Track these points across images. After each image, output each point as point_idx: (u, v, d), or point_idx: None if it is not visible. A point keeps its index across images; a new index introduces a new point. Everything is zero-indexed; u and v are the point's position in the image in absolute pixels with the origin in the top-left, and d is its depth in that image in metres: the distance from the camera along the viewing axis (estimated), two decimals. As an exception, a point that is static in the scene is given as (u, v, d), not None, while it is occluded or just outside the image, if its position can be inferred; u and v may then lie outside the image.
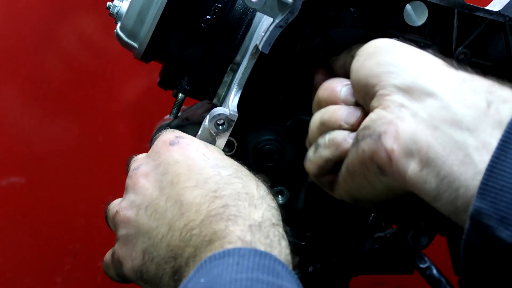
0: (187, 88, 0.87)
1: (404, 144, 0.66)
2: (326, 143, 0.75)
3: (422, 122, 0.66)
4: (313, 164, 0.77)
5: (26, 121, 1.21)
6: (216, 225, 0.68)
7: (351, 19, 0.80)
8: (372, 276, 0.91)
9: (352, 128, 0.74)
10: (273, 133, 0.83)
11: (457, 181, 0.63)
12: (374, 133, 0.69)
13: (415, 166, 0.65)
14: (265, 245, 0.66)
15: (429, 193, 0.65)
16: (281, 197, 0.85)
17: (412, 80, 0.68)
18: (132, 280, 0.75)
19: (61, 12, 1.19)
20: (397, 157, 0.67)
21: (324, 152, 0.75)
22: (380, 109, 0.69)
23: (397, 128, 0.67)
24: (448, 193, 0.64)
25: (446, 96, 0.65)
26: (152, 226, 0.72)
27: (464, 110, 0.64)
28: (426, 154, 0.65)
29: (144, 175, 0.75)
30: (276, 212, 0.71)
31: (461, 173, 0.63)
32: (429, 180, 0.65)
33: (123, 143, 1.23)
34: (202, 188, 0.71)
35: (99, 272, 1.20)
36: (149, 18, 0.83)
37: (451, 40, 0.80)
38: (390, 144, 0.67)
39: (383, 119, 0.68)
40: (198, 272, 0.64)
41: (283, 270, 0.63)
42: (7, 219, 1.22)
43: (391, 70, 0.69)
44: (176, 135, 0.76)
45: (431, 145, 0.64)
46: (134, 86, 1.23)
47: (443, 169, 0.64)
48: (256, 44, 0.78)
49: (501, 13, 0.78)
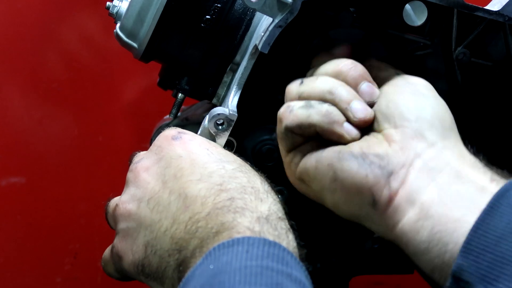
0: (186, 88, 0.87)
1: (410, 191, 0.68)
2: (322, 111, 0.73)
3: (430, 175, 0.68)
4: (296, 118, 0.74)
5: (26, 121, 1.21)
6: (223, 217, 0.67)
7: (351, 19, 0.80)
8: (372, 276, 0.91)
9: (353, 122, 0.73)
10: (272, 133, 0.83)
11: (446, 237, 0.65)
12: (386, 167, 0.70)
13: (413, 215, 0.67)
14: (274, 236, 0.66)
15: (419, 245, 0.67)
16: (281, 197, 0.84)
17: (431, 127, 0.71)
18: (132, 275, 0.75)
19: (61, 12, 1.19)
20: (398, 200, 0.68)
21: (315, 117, 0.73)
22: (398, 147, 0.70)
23: (408, 174, 0.69)
24: (438, 247, 0.66)
25: (455, 163, 0.69)
26: (154, 219, 0.71)
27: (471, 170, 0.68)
28: (428, 208, 0.67)
29: (146, 168, 0.75)
30: (281, 206, 0.71)
31: (454, 231, 0.65)
32: (421, 232, 0.67)
33: (123, 143, 1.23)
34: (206, 182, 0.70)
35: (99, 272, 1.20)
36: (149, 18, 0.83)
37: (451, 40, 0.80)
38: (396, 187, 0.69)
39: (399, 159, 0.70)
40: (207, 259, 0.63)
41: (292, 260, 0.63)
42: (7, 219, 1.22)
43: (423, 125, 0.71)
44: (179, 131, 0.76)
45: (435, 202, 0.67)
46: (134, 86, 1.23)
47: (439, 224, 0.66)
48: (256, 44, 0.78)
49: (500, 13, 0.78)
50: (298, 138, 0.75)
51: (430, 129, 0.71)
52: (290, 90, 0.77)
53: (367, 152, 0.71)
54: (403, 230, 0.68)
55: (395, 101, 0.73)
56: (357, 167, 0.71)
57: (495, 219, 0.63)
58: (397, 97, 0.73)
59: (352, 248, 0.86)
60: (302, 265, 0.64)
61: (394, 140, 0.71)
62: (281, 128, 0.76)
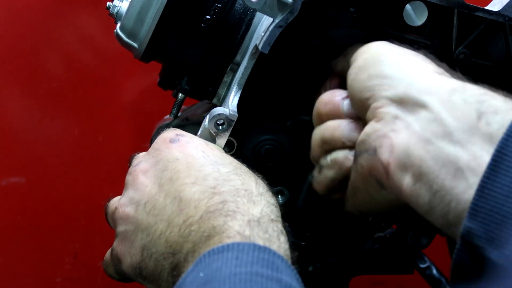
0: (187, 88, 0.87)
1: (398, 157, 0.66)
2: (329, 164, 0.76)
3: (415, 135, 0.65)
4: (320, 185, 0.78)
5: (26, 121, 1.21)
6: (214, 220, 0.68)
7: (351, 19, 0.80)
8: (372, 276, 0.91)
9: (354, 145, 0.73)
10: (272, 133, 0.83)
11: (448, 195, 0.63)
12: (370, 147, 0.69)
13: (409, 180, 0.66)
14: (264, 239, 0.66)
15: (423, 206, 0.65)
16: (281, 197, 0.85)
17: (403, 91, 0.68)
18: (131, 277, 0.75)
19: (61, 12, 1.19)
20: (393, 170, 0.67)
21: (329, 173, 0.76)
22: (374, 122, 0.69)
23: (392, 141, 0.67)
24: (440, 207, 0.64)
25: (437, 108, 0.65)
26: (150, 222, 0.72)
27: (455, 123, 0.64)
28: (419, 168, 0.65)
29: (144, 171, 0.75)
30: (275, 208, 0.71)
31: (452, 187, 0.63)
32: (422, 194, 0.65)
33: (123, 143, 1.23)
34: (201, 185, 0.71)
35: (99, 272, 1.20)
36: (149, 18, 0.83)
37: (451, 40, 0.80)
38: (386, 158, 0.67)
39: (378, 133, 0.68)
40: (197, 266, 0.64)
41: (282, 264, 0.63)
42: (7, 219, 1.22)
43: (382, 82, 0.69)
44: (177, 133, 0.76)
45: (424, 159, 0.64)
46: (134, 86, 1.23)
47: (436, 183, 0.64)
48: (256, 44, 0.78)
49: (501, 13, 0.78)
50: (336, 186, 0.77)
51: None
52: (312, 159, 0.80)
53: (355, 147, 0.72)
54: (407, 196, 0.66)
55: (353, 89, 0.73)
56: (354, 166, 0.72)
57: (500, 177, 0.60)
58: (354, 85, 0.73)
59: (352, 248, 0.86)
60: (293, 269, 0.64)
61: (369, 118, 0.70)
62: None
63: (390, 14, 0.80)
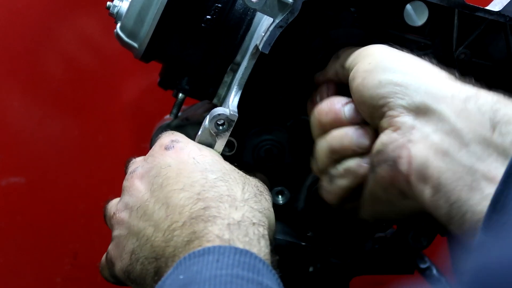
0: (187, 88, 0.87)
1: (417, 169, 0.67)
2: (341, 173, 0.76)
3: (433, 147, 0.66)
4: (332, 195, 0.78)
5: (26, 121, 1.20)
6: (196, 226, 0.68)
7: (351, 19, 0.80)
8: (373, 277, 0.91)
9: (365, 151, 0.73)
10: (272, 133, 0.83)
11: (464, 206, 0.64)
12: (388, 158, 0.69)
13: (429, 191, 0.66)
14: (244, 243, 0.67)
15: (442, 217, 0.66)
16: (281, 197, 0.85)
17: (419, 100, 0.68)
18: (122, 280, 0.76)
19: (61, 12, 1.18)
20: (414, 182, 0.67)
21: (342, 182, 0.76)
22: (391, 131, 0.69)
23: (410, 152, 0.67)
24: (457, 218, 0.64)
25: (453, 119, 0.66)
26: (140, 227, 0.73)
27: (470, 135, 0.65)
28: (438, 180, 0.65)
29: (139, 177, 0.76)
30: (259, 214, 0.71)
31: (468, 199, 0.63)
32: (441, 205, 0.66)
33: (123, 143, 1.23)
34: (187, 191, 0.71)
35: (99, 272, 1.20)
36: (149, 18, 0.83)
37: (452, 40, 0.80)
38: (405, 169, 0.68)
39: (396, 143, 0.69)
40: (177, 269, 0.64)
41: (263, 268, 0.64)
42: (7, 219, 1.22)
43: (396, 90, 0.69)
44: (172, 139, 0.77)
45: (442, 171, 0.65)
46: (134, 86, 1.22)
47: (453, 194, 0.64)
48: (256, 44, 0.78)
49: (501, 13, 0.78)
50: (349, 195, 0.77)
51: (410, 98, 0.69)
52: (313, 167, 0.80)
53: (371, 156, 0.72)
54: (428, 207, 0.67)
55: (363, 95, 0.72)
56: (372, 176, 0.72)
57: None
58: (363, 91, 0.73)
59: (352, 249, 0.86)
60: (274, 273, 0.64)
61: (384, 126, 0.70)
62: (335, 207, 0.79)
63: (391, 14, 0.80)
